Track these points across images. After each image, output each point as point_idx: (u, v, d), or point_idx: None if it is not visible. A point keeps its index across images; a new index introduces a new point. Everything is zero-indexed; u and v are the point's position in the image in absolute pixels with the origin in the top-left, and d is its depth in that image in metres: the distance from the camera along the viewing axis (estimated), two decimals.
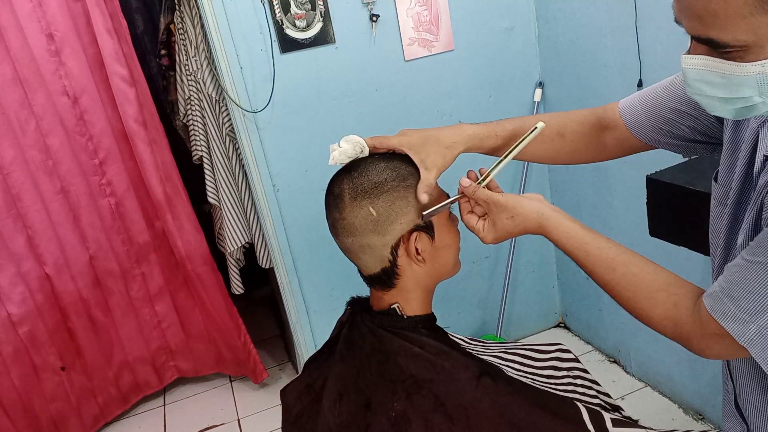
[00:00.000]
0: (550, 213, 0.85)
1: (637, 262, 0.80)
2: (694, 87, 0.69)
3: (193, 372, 2.71)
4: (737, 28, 0.60)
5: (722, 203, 0.84)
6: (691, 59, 0.67)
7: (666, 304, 0.77)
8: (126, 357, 2.54)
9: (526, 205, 0.85)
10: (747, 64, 0.62)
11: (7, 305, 2.18)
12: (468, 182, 0.88)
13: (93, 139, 2.18)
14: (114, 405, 2.59)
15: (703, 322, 0.73)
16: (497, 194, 0.87)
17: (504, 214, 0.86)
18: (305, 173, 2.16)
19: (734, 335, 0.70)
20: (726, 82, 0.65)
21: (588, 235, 0.83)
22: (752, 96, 0.65)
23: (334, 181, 0.90)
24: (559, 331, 2.74)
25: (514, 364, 1.01)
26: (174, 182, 2.32)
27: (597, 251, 0.82)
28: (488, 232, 0.88)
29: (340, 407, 0.88)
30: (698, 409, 2.09)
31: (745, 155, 0.78)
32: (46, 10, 2.00)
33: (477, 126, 0.95)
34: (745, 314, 0.69)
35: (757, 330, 0.68)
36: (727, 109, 0.69)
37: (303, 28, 2.01)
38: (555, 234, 0.84)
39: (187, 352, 2.65)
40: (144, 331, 2.53)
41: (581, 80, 2.15)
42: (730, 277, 0.71)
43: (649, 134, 0.94)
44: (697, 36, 0.65)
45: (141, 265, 2.42)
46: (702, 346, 0.75)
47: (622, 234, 2.13)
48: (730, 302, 0.70)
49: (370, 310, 0.95)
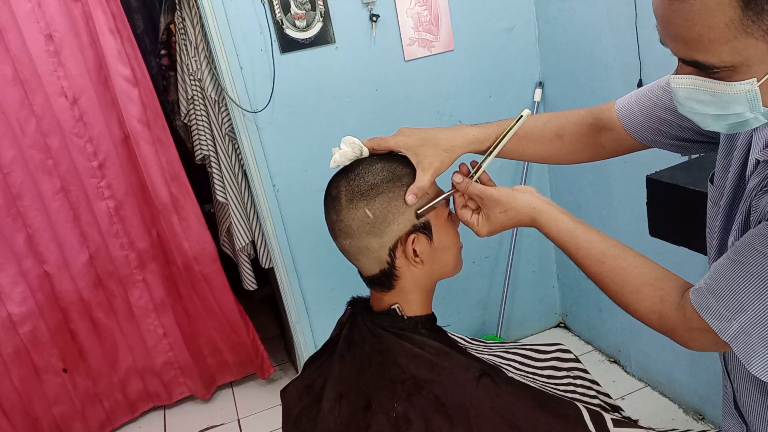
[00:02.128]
0: (542, 206, 0.86)
1: (626, 256, 0.81)
2: (685, 105, 0.70)
3: (202, 393, 2.65)
4: (722, 51, 0.60)
5: (717, 204, 0.85)
6: (679, 79, 0.68)
7: (652, 299, 0.78)
8: (133, 364, 2.51)
9: (519, 199, 0.86)
10: (735, 83, 0.63)
11: (8, 305, 2.18)
12: (460, 178, 0.89)
13: (92, 141, 2.16)
14: (121, 411, 2.56)
15: (688, 317, 0.75)
16: (490, 188, 0.87)
17: (497, 208, 0.87)
18: (305, 173, 2.16)
19: (717, 331, 0.71)
20: (716, 100, 0.65)
21: (579, 228, 0.84)
22: (744, 112, 0.65)
23: (332, 182, 0.89)
24: (559, 331, 2.74)
25: (515, 364, 1.01)
26: (181, 181, 2.30)
27: (587, 244, 0.83)
28: (482, 226, 0.89)
29: (341, 408, 0.88)
30: (698, 409, 2.09)
31: (739, 158, 0.79)
32: (45, 10, 1.99)
33: (476, 128, 0.95)
34: (728, 311, 0.70)
35: (738, 327, 0.69)
36: (719, 125, 0.69)
37: (303, 28, 2.01)
38: (547, 227, 0.85)
39: (194, 370, 2.61)
40: (149, 342, 2.49)
41: (581, 80, 2.15)
42: (716, 274, 0.72)
43: (647, 135, 0.94)
44: (684, 59, 0.65)
45: (142, 272, 2.39)
46: (686, 339, 0.77)
47: (622, 234, 2.13)
48: (714, 299, 0.71)
49: (371, 311, 0.95)
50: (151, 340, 2.50)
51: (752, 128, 0.75)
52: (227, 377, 2.71)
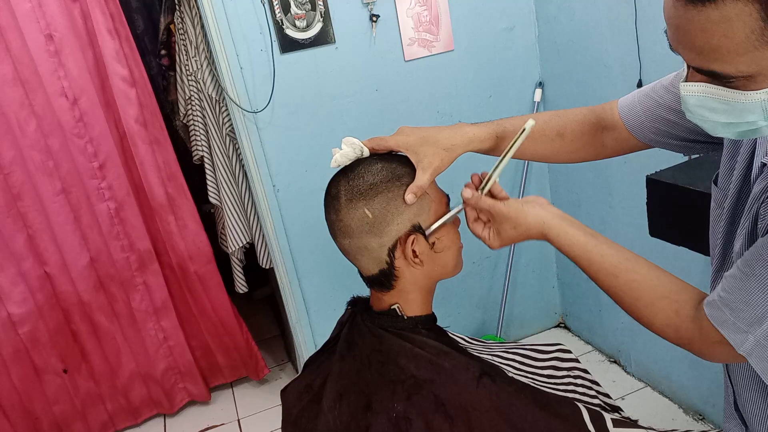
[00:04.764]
0: (552, 221, 0.84)
1: (639, 269, 0.80)
2: (695, 113, 0.68)
3: (203, 396, 2.65)
4: (740, 61, 0.58)
5: (721, 206, 0.84)
6: (690, 86, 0.66)
7: (668, 312, 0.77)
8: (136, 370, 2.50)
9: (529, 215, 0.85)
10: (751, 92, 0.61)
11: (7, 305, 2.18)
12: (470, 193, 0.88)
13: (92, 142, 2.16)
14: (123, 415, 2.56)
15: (704, 330, 0.74)
16: (500, 204, 0.86)
17: (507, 224, 0.86)
18: (305, 173, 2.16)
19: (733, 344, 0.70)
20: (729, 108, 0.64)
21: (591, 242, 0.82)
22: (757, 120, 0.63)
23: (332, 182, 0.89)
24: (559, 331, 2.74)
25: (515, 363, 1.00)
26: (178, 182, 2.30)
27: (599, 258, 0.82)
28: (494, 240, 0.89)
29: (341, 407, 0.88)
30: (698, 409, 2.09)
31: (744, 160, 0.78)
32: (45, 10, 1.99)
33: (476, 127, 0.94)
34: (744, 324, 0.69)
35: (755, 340, 0.68)
36: (730, 132, 0.67)
37: (303, 28, 2.01)
38: (557, 242, 0.84)
39: (194, 373, 2.60)
40: (150, 348, 2.48)
41: (581, 80, 2.15)
42: (729, 287, 0.71)
43: (649, 135, 0.94)
44: (698, 68, 0.63)
45: (143, 275, 2.38)
46: (704, 352, 0.76)
47: (622, 234, 2.13)
48: (729, 312, 0.70)
49: (371, 311, 0.95)
50: (152, 345, 2.48)
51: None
52: (220, 379, 2.71)
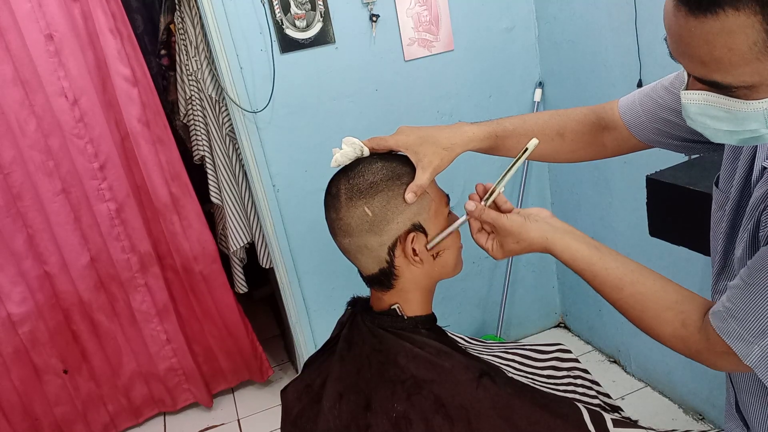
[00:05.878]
0: (555, 236, 0.84)
1: (644, 281, 0.79)
2: (697, 121, 0.68)
3: (206, 401, 2.64)
4: (743, 72, 0.58)
5: (722, 208, 0.84)
6: (691, 95, 0.66)
7: (674, 323, 0.77)
8: (137, 369, 2.50)
9: (532, 230, 0.84)
10: (753, 102, 0.61)
11: (7, 305, 2.17)
12: (473, 205, 0.87)
13: (92, 143, 2.15)
14: (125, 416, 2.56)
15: (711, 341, 0.74)
16: (503, 218, 0.85)
17: (510, 238, 0.86)
18: (305, 173, 2.16)
19: (739, 355, 0.70)
20: (731, 116, 0.64)
21: (594, 255, 0.82)
22: (759, 128, 0.63)
23: (332, 181, 0.89)
24: (559, 331, 2.74)
25: (515, 363, 1.00)
26: (182, 181, 2.29)
27: (604, 272, 0.81)
28: (497, 252, 0.88)
29: (340, 407, 0.88)
30: (698, 409, 2.09)
31: (745, 163, 0.78)
32: (45, 10, 1.99)
33: (476, 127, 0.94)
34: (750, 335, 0.69)
35: (760, 351, 0.68)
36: (732, 139, 0.67)
37: (303, 28, 2.01)
38: (561, 257, 0.84)
39: (198, 377, 2.59)
40: (152, 348, 2.48)
41: (581, 80, 2.15)
42: (733, 297, 0.71)
43: (649, 135, 0.94)
44: (700, 78, 0.63)
45: (144, 276, 2.37)
46: (713, 362, 0.76)
47: (622, 234, 2.13)
48: (735, 323, 0.70)
49: (371, 311, 0.95)
50: (154, 346, 2.48)
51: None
52: (222, 384, 2.68)
